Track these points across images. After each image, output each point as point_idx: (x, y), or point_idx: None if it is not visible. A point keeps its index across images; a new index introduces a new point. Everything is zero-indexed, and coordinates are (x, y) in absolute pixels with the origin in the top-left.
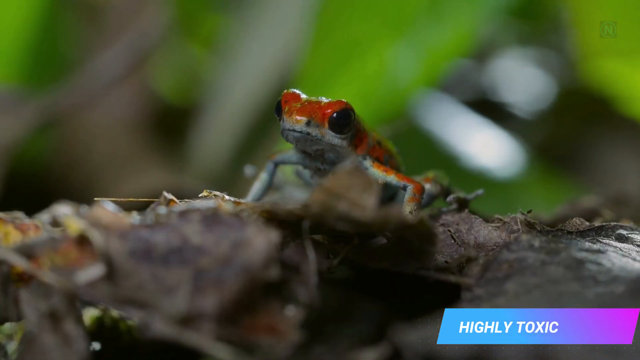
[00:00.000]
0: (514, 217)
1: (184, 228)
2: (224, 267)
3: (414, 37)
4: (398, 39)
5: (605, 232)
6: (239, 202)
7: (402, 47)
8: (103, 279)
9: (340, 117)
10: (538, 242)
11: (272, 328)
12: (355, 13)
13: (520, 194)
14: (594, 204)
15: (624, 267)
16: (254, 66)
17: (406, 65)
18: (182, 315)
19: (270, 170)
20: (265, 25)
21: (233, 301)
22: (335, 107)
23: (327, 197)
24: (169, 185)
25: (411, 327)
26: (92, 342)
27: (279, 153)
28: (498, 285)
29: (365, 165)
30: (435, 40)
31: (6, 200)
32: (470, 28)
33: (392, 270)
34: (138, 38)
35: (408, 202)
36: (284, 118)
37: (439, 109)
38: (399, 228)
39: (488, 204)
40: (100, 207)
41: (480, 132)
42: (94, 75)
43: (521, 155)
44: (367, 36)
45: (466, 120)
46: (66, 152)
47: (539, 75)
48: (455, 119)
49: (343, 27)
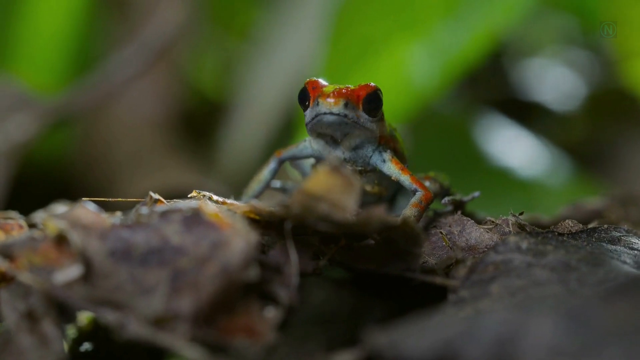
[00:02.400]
0: (505, 219)
1: (165, 228)
2: (202, 268)
3: (429, 37)
4: (412, 38)
5: (598, 234)
6: (226, 202)
7: (416, 47)
8: (80, 280)
9: (373, 99)
10: (526, 244)
11: (249, 329)
12: (371, 12)
13: (546, 193)
14: (599, 205)
15: (611, 270)
16: (287, 63)
17: (420, 65)
18: (157, 316)
19: (272, 168)
20: (297, 21)
21: (210, 302)
22: (368, 89)
23: (307, 198)
24: (189, 185)
25: (382, 330)
26: (84, 343)
27: (287, 149)
28: (483, 287)
29: (384, 158)
30: (450, 40)
31: (25, 197)
32: (488, 28)
33: (379, 271)
34: (155, 33)
35: (411, 207)
36: (319, 102)
37: (463, 107)
38: (383, 229)
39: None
40: (81, 207)
41: (506, 131)
42: (111, 73)
43: (548, 154)
44: (381, 35)
45: (492, 119)
46: (89, 150)
47: (571, 74)
48: (481, 118)
49: (358, 26)
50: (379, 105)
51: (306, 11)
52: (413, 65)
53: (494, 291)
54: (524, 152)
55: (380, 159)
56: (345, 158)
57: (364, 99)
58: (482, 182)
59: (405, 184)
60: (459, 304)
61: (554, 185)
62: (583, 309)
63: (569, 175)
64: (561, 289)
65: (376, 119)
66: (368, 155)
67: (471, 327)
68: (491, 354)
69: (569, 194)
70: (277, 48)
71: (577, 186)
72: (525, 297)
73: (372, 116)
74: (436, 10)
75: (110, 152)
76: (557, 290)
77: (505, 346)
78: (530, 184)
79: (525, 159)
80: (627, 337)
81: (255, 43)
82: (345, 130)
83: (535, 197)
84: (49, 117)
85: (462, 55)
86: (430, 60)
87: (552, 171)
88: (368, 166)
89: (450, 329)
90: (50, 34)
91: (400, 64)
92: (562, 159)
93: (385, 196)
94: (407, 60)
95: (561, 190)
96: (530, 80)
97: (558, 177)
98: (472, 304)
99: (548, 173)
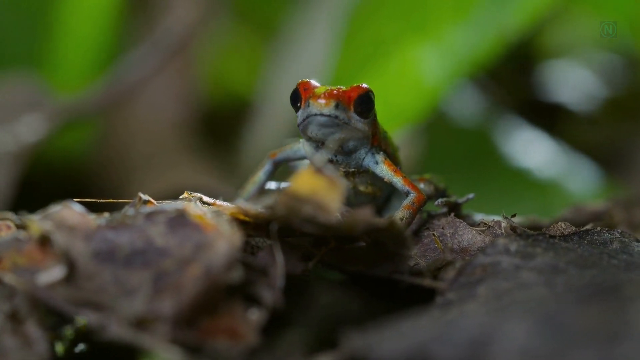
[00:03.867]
0: (498, 222)
1: (149, 230)
2: (185, 270)
3: (440, 38)
4: (423, 39)
5: (590, 236)
6: (214, 203)
7: (427, 48)
8: (62, 281)
9: (365, 101)
10: (515, 247)
11: (231, 331)
12: (383, 13)
13: (565, 195)
14: (600, 207)
15: (599, 274)
16: (312, 63)
17: (431, 66)
18: (138, 317)
19: (267, 170)
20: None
21: (191, 304)
22: (359, 90)
23: (292, 200)
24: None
25: (359, 333)
26: (79, 343)
27: (281, 150)
28: (470, 289)
29: (377, 160)
30: (461, 41)
31: (40, 197)
32: (499, 29)
33: (368, 273)
34: (168, 30)
35: (403, 209)
36: (310, 103)
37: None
38: (370, 231)
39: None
40: (67, 208)
41: (525, 132)
42: (124, 72)
43: (568, 156)
44: (392, 36)
45: (511, 121)
46: (106, 150)
47: (592, 76)
48: (500, 119)
49: (370, 27)
50: (371, 107)
51: (327, 9)
52: (424, 66)
53: (481, 293)
54: (543, 154)
55: (373, 160)
56: (338, 160)
57: (355, 100)
58: (500, 183)
59: (397, 185)
60: (445, 307)
61: (573, 187)
62: (558, 313)
63: (588, 177)
64: (546, 291)
65: (368, 121)
66: (361, 157)
67: (447, 330)
68: (463, 357)
69: (589, 196)
70: (303, 47)
71: (597, 188)
72: (511, 299)
73: (363, 117)
74: (447, 12)
75: (127, 152)
76: (542, 292)
77: (478, 349)
78: (550, 185)
79: (544, 161)
80: (598, 342)
81: (281, 41)
82: (336, 132)
83: (555, 199)
84: (61, 117)
85: (473, 57)
86: (441, 61)
87: (572, 173)
88: (361, 168)
89: (426, 332)
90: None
91: (411, 64)
92: (582, 161)
93: (379, 197)
94: (418, 61)
95: (581, 193)
96: (552, 82)
97: (578, 179)
98: (458, 306)
99: (567, 175)
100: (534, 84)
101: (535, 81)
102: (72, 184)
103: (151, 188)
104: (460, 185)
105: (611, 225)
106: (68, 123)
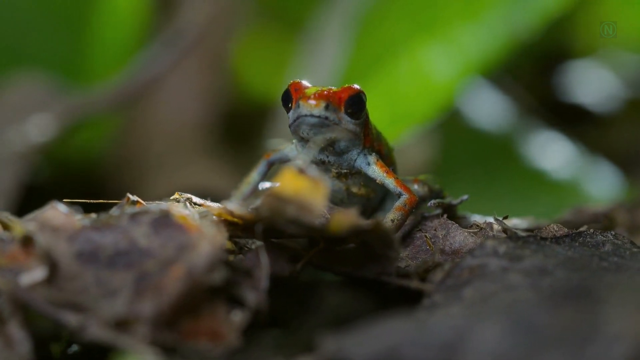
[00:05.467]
0: (489, 223)
1: (133, 231)
2: (167, 271)
3: (449, 38)
4: (432, 39)
5: (583, 238)
6: (204, 204)
7: (436, 48)
8: (43, 282)
9: (355, 101)
10: (504, 248)
11: (213, 332)
12: (392, 14)
13: (583, 197)
14: (602, 209)
15: (588, 276)
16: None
17: (440, 66)
18: (119, 319)
19: (261, 170)
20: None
21: (172, 305)
22: (350, 91)
23: (275, 201)
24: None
25: (334, 335)
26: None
27: (274, 151)
28: (456, 291)
29: (369, 161)
30: (471, 41)
31: (55, 196)
32: (509, 29)
33: (356, 275)
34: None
35: (394, 210)
36: (300, 104)
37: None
38: (356, 233)
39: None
40: (52, 208)
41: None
42: (137, 71)
43: (587, 158)
44: (402, 36)
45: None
46: (122, 151)
47: (613, 77)
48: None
49: (380, 27)
50: (362, 108)
51: (349, 9)
52: (434, 65)
53: (467, 296)
54: (562, 155)
55: (365, 161)
56: (330, 161)
57: (346, 101)
58: (517, 184)
59: (389, 187)
60: (431, 309)
61: (592, 189)
62: (532, 316)
63: (607, 179)
64: (531, 294)
65: (359, 121)
66: (353, 158)
67: (421, 333)
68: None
69: (607, 197)
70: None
71: (616, 190)
72: (495, 302)
73: (354, 118)
74: (457, 12)
75: (145, 153)
76: (527, 295)
77: (448, 353)
78: (568, 187)
79: (562, 162)
80: (567, 345)
81: (308, 41)
82: (326, 133)
83: (573, 200)
84: (73, 116)
85: (484, 57)
86: (451, 60)
87: (591, 175)
88: (353, 169)
89: (402, 334)
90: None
91: (421, 64)
92: (602, 163)
93: (373, 198)
94: (428, 61)
95: (599, 194)
96: (573, 83)
97: (596, 181)
98: (443, 308)
99: (586, 176)
100: (556, 84)
101: (557, 82)
102: (88, 184)
103: (164, 189)
104: (476, 186)
105: (609, 227)
106: (81, 122)
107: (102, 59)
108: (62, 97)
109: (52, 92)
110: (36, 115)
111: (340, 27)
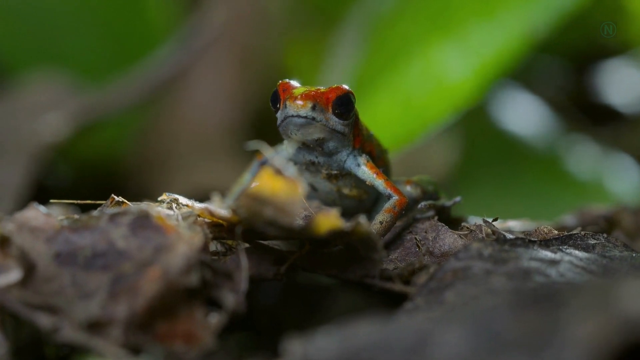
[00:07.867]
0: (479, 225)
1: (112, 232)
2: (143, 273)
3: (463, 37)
4: (446, 39)
5: (573, 241)
6: (190, 205)
7: (450, 48)
8: (18, 284)
9: (344, 102)
10: (489, 251)
11: (188, 334)
12: (406, 13)
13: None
14: (606, 212)
15: (570, 280)
16: None
17: (454, 66)
18: (92, 321)
19: (253, 171)
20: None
21: (147, 307)
22: (338, 91)
23: (253, 202)
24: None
25: (300, 339)
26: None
27: (267, 152)
28: (438, 295)
29: (359, 162)
30: (485, 41)
31: (76, 192)
32: (524, 29)
33: (340, 277)
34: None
35: (383, 212)
36: (287, 104)
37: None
38: (337, 234)
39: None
40: (32, 209)
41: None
42: (152, 70)
43: (614, 158)
44: (415, 35)
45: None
46: (145, 150)
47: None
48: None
49: (393, 27)
50: (350, 108)
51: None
52: (447, 65)
53: (448, 299)
54: (587, 155)
55: (355, 163)
56: (319, 161)
57: (333, 102)
58: (541, 185)
59: (379, 188)
60: (412, 312)
61: (616, 189)
62: (496, 319)
63: (633, 179)
64: (512, 297)
65: (348, 122)
66: (342, 159)
67: (387, 336)
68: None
69: (631, 198)
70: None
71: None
72: (474, 305)
73: (343, 119)
74: (472, 11)
75: (168, 153)
76: (508, 298)
77: (411, 356)
78: (592, 187)
79: (587, 162)
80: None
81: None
82: (314, 134)
83: (597, 201)
84: (88, 115)
85: (497, 56)
86: (465, 61)
87: (615, 175)
88: (343, 170)
89: (368, 338)
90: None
91: (434, 64)
92: (628, 163)
93: (365, 200)
94: (442, 61)
95: (623, 195)
96: (604, 83)
97: (621, 181)
98: (425, 312)
99: (611, 177)
100: (588, 84)
101: (590, 81)
102: (110, 183)
103: (185, 189)
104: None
105: (608, 229)
106: (100, 121)
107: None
108: (78, 96)
109: (69, 91)
110: (50, 114)
111: (359, 27)
